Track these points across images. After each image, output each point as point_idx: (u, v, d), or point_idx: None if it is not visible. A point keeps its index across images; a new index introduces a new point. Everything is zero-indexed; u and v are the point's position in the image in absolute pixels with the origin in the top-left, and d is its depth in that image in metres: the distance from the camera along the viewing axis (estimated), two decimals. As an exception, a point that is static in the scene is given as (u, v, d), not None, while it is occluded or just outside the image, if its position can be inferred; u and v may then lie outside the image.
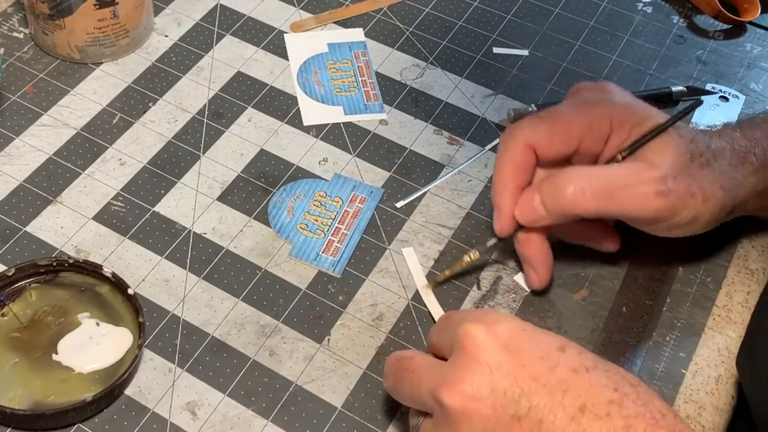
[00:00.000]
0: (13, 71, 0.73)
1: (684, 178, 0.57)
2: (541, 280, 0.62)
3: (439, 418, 0.48)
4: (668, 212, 0.57)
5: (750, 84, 0.78)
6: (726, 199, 0.59)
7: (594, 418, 0.45)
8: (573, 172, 0.58)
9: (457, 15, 0.82)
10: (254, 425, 0.56)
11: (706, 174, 0.58)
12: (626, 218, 0.59)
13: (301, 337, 0.60)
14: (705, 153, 0.59)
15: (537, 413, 0.46)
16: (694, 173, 0.58)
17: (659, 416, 0.46)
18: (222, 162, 0.69)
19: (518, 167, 0.60)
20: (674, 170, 0.57)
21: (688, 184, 0.57)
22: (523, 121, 0.61)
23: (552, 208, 0.58)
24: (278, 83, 0.75)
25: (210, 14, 0.80)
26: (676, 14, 0.84)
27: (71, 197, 0.66)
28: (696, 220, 0.58)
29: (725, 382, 0.60)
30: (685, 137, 0.59)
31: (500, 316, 0.49)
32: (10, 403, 0.54)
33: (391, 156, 0.70)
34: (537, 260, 0.61)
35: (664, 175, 0.57)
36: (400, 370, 0.51)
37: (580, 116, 0.60)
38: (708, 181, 0.58)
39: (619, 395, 0.46)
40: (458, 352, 0.48)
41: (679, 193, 0.57)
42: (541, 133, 0.59)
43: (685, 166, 0.57)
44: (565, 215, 0.58)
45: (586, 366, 0.47)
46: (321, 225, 0.65)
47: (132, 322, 0.58)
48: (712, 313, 0.63)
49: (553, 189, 0.58)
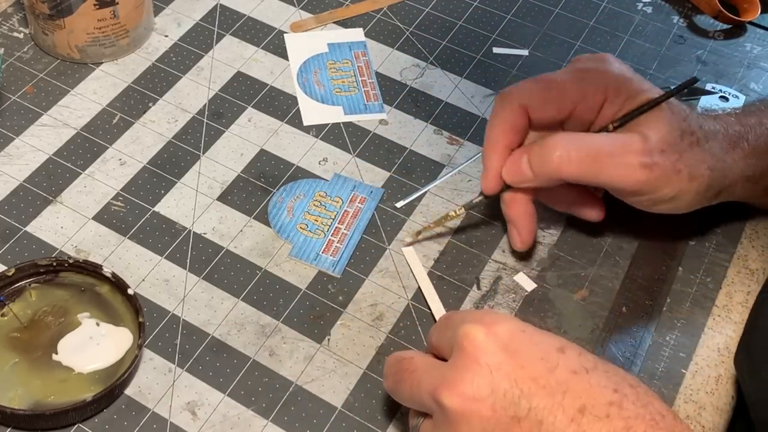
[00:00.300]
0: (13, 71, 0.73)
1: (671, 153, 0.58)
2: (523, 240, 0.63)
3: (438, 419, 0.48)
4: (651, 186, 0.58)
5: (750, 84, 0.78)
6: (712, 180, 0.59)
7: (594, 419, 0.45)
8: (562, 138, 0.59)
9: (457, 15, 0.82)
10: (254, 425, 0.56)
11: (694, 153, 0.58)
12: (609, 187, 0.60)
13: (301, 337, 0.60)
14: (696, 132, 0.59)
15: (537, 414, 0.46)
16: (682, 150, 0.58)
17: (659, 417, 0.46)
18: (222, 162, 0.69)
19: (510, 128, 0.61)
20: (662, 145, 0.58)
21: (675, 161, 0.58)
22: (519, 83, 0.62)
23: (538, 170, 0.59)
24: (278, 83, 0.75)
25: (210, 14, 0.80)
26: (676, 14, 0.84)
27: (71, 197, 0.66)
28: (679, 197, 0.59)
29: (725, 382, 0.60)
30: (678, 114, 0.59)
31: (500, 317, 0.49)
32: (10, 403, 0.54)
33: (391, 156, 0.70)
34: (521, 221, 0.62)
35: (650, 148, 0.57)
36: (400, 371, 0.51)
37: (576, 82, 0.61)
38: (695, 160, 0.58)
39: (618, 396, 0.46)
40: (458, 352, 0.48)
41: (663, 168, 0.57)
42: (536, 96, 0.61)
43: (673, 142, 0.58)
44: (550, 178, 0.59)
45: (586, 367, 0.47)
46: (321, 225, 0.65)
47: (132, 322, 0.58)
48: (712, 313, 0.63)
49: (540, 152, 0.59)
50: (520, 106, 0.61)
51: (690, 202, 0.60)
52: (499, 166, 0.61)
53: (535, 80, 0.62)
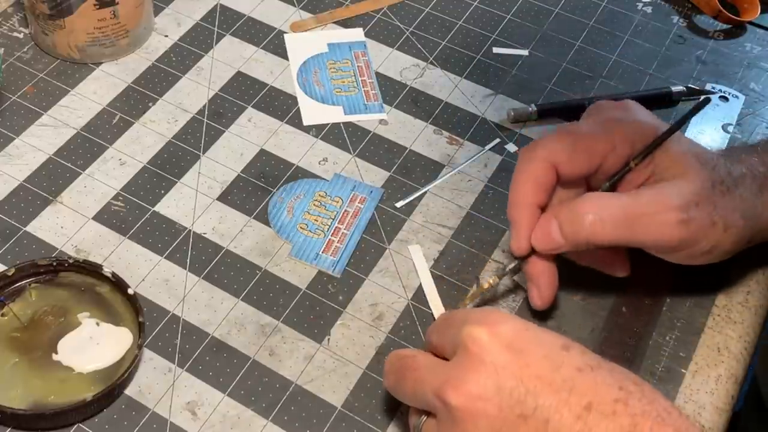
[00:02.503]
0: (13, 71, 0.73)
1: (706, 206, 0.55)
2: (543, 299, 0.60)
3: (443, 419, 0.48)
4: (688, 242, 0.56)
5: (750, 84, 0.78)
6: (746, 230, 0.57)
7: (600, 416, 0.45)
8: (592, 200, 0.56)
9: (457, 15, 0.82)
10: (254, 425, 0.56)
11: (726, 202, 0.56)
12: (646, 247, 0.57)
13: (301, 337, 0.60)
14: (726, 180, 0.57)
15: (543, 413, 0.46)
16: (716, 201, 0.56)
17: (665, 414, 0.46)
18: (222, 162, 0.69)
19: (538, 186, 0.57)
20: (696, 198, 0.55)
21: (710, 212, 0.55)
22: (546, 137, 0.58)
23: (571, 236, 0.56)
24: (278, 83, 0.75)
25: (210, 14, 0.80)
26: (676, 14, 0.84)
27: (71, 197, 0.66)
28: (715, 249, 0.57)
29: (725, 382, 0.60)
30: (707, 164, 0.57)
31: (502, 316, 0.49)
32: (10, 403, 0.54)
33: (391, 156, 0.70)
34: (542, 280, 0.59)
35: (686, 202, 0.55)
36: (402, 369, 0.51)
37: (604, 135, 0.58)
38: (729, 210, 0.56)
39: (624, 393, 0.46)
40: (462, 353, 0.48)
41: (700, 222, 0.55)
42: (565, 151, 0.57)
43: (707, 194, 0.56)
44: (582, 244, 0.56)
45: (591, 365, 0.47)
46: (321, 225, 0.65)
47: (132, 322, 0.58)
48: (712, 313, 0.63)
49: (571, 217, 0.56)
50: (548, 162, 0.57)
51: (724, 253, 0.58)
52: (529, 225, 0.58)
53: (561, 135, 0.58)
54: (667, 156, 0.57)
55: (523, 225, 0.58)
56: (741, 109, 0.76)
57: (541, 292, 0.59)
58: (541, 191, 0.58)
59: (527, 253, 0.58)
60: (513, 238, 0.59)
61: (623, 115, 0.59)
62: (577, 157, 0.57)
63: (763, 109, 0.76)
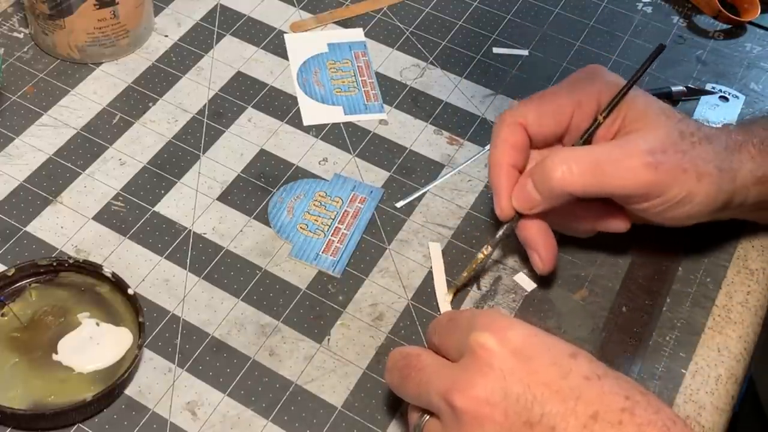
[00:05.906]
0: (13, 71, 0.73)
1: (674, 152, 0.57)
2: (544, 261, 0.60)
3: (448, 421, 0.48)
4: (658, 186, 0.57)
5: (750, 84, 0.78)
6: (721, 180, 0.57)
7: (606, 425, 0.45)
8: (561, 153, 0.58)
9: (457, 15, 0.82)
10: (254, 425, 0.56)
11: (698, 152, 0.57)
12: (617, 195, 0.58)
13: (301, 337, 0.60)
14: (696, 133, 0.58)
15: (549, 420, 0.46)
16: (685, 149, 0.57)
17: (670, 423, 0.46)
18: (222, 162, 0.69)
19: (511, 146, 0.60)
20: (662, 145, 0.57)
21: (679, 159, 0.57)
22: (515, 103, 0.62)
23: (544, 191, 0.58)
24: (278, 83, 0.75)
25: (210, 14, 0.80)
26: (676, 14, 0.84)
27: (71, 197, 0.66)
28: (690, 199, 0.57)
29: (725, 382, 0.60)
30: (673, 117, 0.59)
31: (510, 321, 0.49)
32: (10, 403, 0.54)
33: (391, 156, 0.70)
34: (538, 241, 0.60)
35: (652, 148, 0.57)
36: (406, 367, 0.51)
37: (569, 92, 0.61)
38: (701, 159, 0.57)
39: (630, 403, 0.46)
40: (469, 357, 0.48)
41: (669, 167, 0.56)
42: (531, 111, 0.60)
43: (674, 142, 0.57)
44: (557, 196, 0.58)
45: (598, 374, 0.47)
46: (321, 225, 0.65)
47: (132, 322, 0.58)
48: (712, 313, 0.63)
49: (542, 172, 0.58)
50: (516, 123, 0.60)
51: (701, 205, 0.58)
52: (508, 188, 0.60)
53: (529, 97, 0.62)
54: (635, 110, 0.59)
55: (503, 188, 0.60)
56: (741, 109, 0.76)
57: (542, 256, 0.61)
58: (514, 151, 0.60)
59: (511, 216, 0.60)
60: (495, 203, 0.61)
61: (587, 75, 0.62)
62: (545, 116, 0.60)
63: (763, 109, 0.76)
